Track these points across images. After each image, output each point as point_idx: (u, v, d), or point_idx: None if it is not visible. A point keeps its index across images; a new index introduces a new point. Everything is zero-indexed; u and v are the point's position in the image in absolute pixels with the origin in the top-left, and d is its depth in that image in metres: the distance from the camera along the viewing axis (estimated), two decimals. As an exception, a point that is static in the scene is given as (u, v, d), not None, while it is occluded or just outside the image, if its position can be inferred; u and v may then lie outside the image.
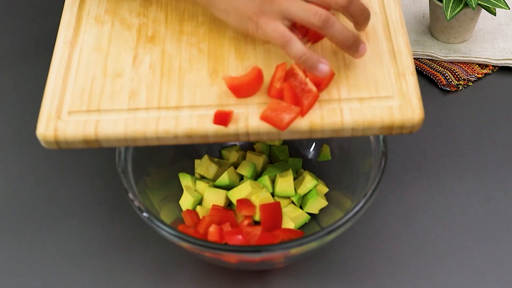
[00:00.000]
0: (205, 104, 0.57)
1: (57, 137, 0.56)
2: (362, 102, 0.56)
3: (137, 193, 0.61)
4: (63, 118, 0.57)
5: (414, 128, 0.56)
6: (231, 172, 0.70)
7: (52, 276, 0.66)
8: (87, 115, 0.57)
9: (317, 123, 0.55)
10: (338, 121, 0.55)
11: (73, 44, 0.62)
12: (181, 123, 0.56)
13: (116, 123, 0.56)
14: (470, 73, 0.84)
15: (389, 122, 0.55)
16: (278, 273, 0.66)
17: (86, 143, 0.57)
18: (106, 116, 0.57)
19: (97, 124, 0.56)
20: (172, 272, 0.66)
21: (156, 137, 0.56)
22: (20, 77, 0.86)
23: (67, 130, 0.56)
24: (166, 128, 0.56)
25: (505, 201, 0.71)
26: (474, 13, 0.83)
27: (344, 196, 0.67)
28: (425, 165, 0.75)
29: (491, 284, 0.65)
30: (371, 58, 0.59)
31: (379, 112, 0.55)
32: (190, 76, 0.59)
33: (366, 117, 0.55)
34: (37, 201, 0.73)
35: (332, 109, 0.56)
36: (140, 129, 0.56)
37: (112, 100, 0.58)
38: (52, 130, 0.56)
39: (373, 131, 0.56)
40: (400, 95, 0.56)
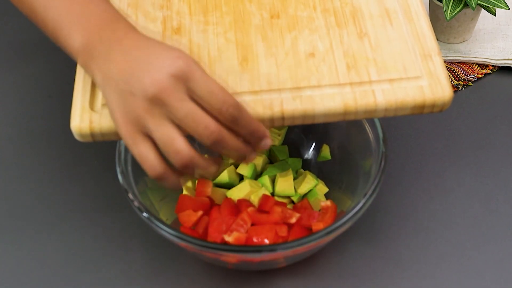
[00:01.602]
0: (238, 91, 0.57)
1: (93, 129, 0.56)
2: (392, 83, 0.57)
3: (137, 193, 0.61)
4: (97, 110, 0.57)
5: (444, 106, 0.57)
6: (231, 171, 0.70)
7: (52, 276, 0.66)
8: None
9: (351, 105, 0.56)
10: (371, 102, 0.56)
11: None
12: None
13: None
14: (470, 73, 0.84)
15: (421, 101, 0.56)
16: (278, 273, 0.66)
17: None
18: None
19: None
20: (172, 272, 0.66)
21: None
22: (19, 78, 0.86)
23: (102, 122, 0.56)
24: None
25: (505, 201, 0.71)
26: (474, 13, 0.83)
27: (344, 196, 0.67)
28: (425, 165, 0.75)
29: (491, 284, 0.65)
30: (396, 40, 0.60)
31: (410, 92, 0.56)
32: (220, 65, 0.59)
33: (398, 97, 0.56)
34: (37, 201, 0.73)
35: (364, 91, 0.57)
36: None
37: None
38: (87, 123, 0.56)
39: (405, 111, 0.57)
40: (429, 75, 0.57)
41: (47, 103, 0.83)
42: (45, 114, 0.81)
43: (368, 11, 0.62)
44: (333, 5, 0.63)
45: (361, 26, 0.61)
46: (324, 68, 0.58)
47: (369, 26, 0.61)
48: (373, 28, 0.60)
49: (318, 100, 0.56)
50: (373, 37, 0.60)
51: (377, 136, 0.63)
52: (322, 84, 0.57)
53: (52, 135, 0.79)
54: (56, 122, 0.80)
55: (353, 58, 0.58)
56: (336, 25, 0.61)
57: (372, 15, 0.61)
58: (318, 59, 0.59)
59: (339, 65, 0.58)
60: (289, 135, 0.74)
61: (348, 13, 0.62)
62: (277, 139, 0.73)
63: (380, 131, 0.63)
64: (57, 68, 0.87)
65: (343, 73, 0.57)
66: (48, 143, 0.78)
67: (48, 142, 0.78)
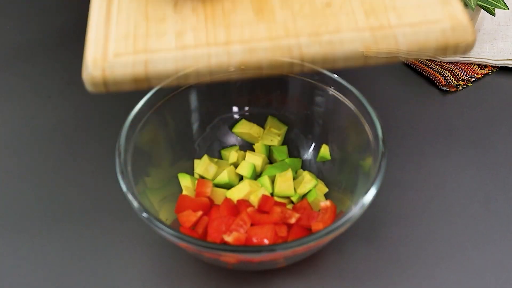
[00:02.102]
0: (255, 38, 0.57)
1: (106, 77, 0.56)
2: (413, 27, 0.57)
3: (136, 194, 0.61)
4: (110, 60, 0.57)
5: (468, 48, 0.57)
6: (231, 171, 0.70)
7: (52, 276, 0.66)
8: (135, 56, 0.57)
9: (372, 48, 0.56)
10: (392, 45, 0.56)
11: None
12: (234, 56, 0.56)
13: (166, 61, 0.56)
14: (469, 73, 0.84)
15: (443, 43, 0.56)
16: (278, 273, 0.66)
17: (136, 82, 0.56)
18: (154, 55, 0.56)
19: (146, 62, 0.56)
20: (172, 272, 0.66)
21: (209, 71, 0.56)
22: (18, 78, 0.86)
23: (115, 70, 0.56)
24: (218, 62, 0.56)
25: (505, 201, 0.71)
26: (473, 13, 0.83)
27: (344, 196, 0.67)
28: (425, 165, 0.75)
29: (491, 284, 0.65)
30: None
31: (432, 35, 0.56)
32: (235, 16, 0.59)
33: (420, 39, 0.56)
34: (37, 201, 0.72)
35: (384, 35, 0.56)
36: (191, 64, 0.56)
37: (159, 40, 0.57)
38: (100, 71, 0.56)
39: (428, 52, 0.57)
40: (449, 18, 0.57)
41: (47, 103, 0.83)
42: (45, 114, 0.81)
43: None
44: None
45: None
46: (341, 16, 0.57)
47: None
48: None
49: (338, 44, 0.55)
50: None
51: (376, 136, 0.63)
52: (341, 29, 0.56)
53: (52, 135, 0.79)
54: (56, 122, 0.80)
55: (371, 6, 0.58)
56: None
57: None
58: (335, 8, 0.58)
59: (357, 12, 0.57)
60: (289, 135, 0.74)
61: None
62: (276, 139, 0.74)
63: (379, 131, 0.63)
64: (57, 68, 0.87)
65: (361, 20, 0.57)
66: (48, 143, 0.78)
67: (48, 142, 0.78)
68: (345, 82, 0.68)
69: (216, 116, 0.74)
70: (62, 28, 0.93)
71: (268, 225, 0.63)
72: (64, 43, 0.90)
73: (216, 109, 0.74)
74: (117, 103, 0.82)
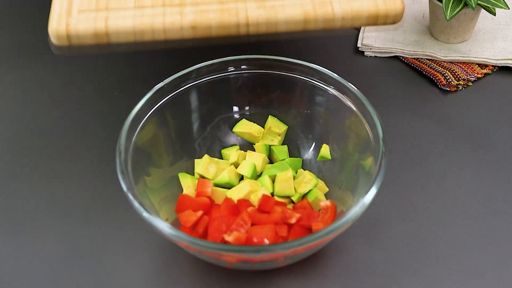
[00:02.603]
0: (206, 1, 0.63)
1: (69, 32, 0.60)
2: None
3: (136, 193, 0.61)
4: (74, 15, 0.61)
5: (397, 17, 0.64)
6: (231, 170, 0.70)
7: (51, 276, 0.66)
8: (97, 13, 0.62)
9: (310, 14, 0.62)
10: (329, 11, 0.62)
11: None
12: (186, 16, 0.61)
13: (124, 18, 0.61)
14: (469, 73, 0.84)
15: (374, 11, 0.63)
16: (278, 273, 0.66)
17: (96, 37, 0.61)
18: (114, 12, 0.62)
19: (106, 19, 0.61)
20: (172, 272, 0.66)
21: (163, 29, 0.61)
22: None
23: (78, 25, 0.61)
24: (172, 21, 0.61)
25: (505, 201, 0.71)
26: (474, 13, 0.83)
27: (344, 195, 0.67)
28: (425, 165, 0.75)
29: (491, 284, 0.65)
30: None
31: (365, 3, 0.63)
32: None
33: (354, 7, 0.63)
34: (37, 201, 0.73)
35: (322, 2, 0.63)
36: (148, 22, 0.61)
37: (119, 1, 0.63)
38: (64, 25, 0.60)
39: (361, 21, 0.63)
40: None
41: (47, 103, 0.83)
42: (45, 114, 0.81)
43: None
44: None
45: None
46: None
47: None
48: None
49: (280, 9, 0.62)
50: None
51: (377, 136, 0.63)
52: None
53: (52, 135, 0.79)
54: (56, 122, 0.80)
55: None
56: None
57: None
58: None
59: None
60: (289, 135, 0.74)
61: None
62: (277, 139, 0.74)
63: (380, 131, 0.63)
64: (57, 68, 0.87)
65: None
66: (48, 143, 0.78)
67: (48, 142, 0.78)
68: (345, 82, 0.68)
69: (217, 116, 0.74)
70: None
71: (268, 225, 0.63)
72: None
73: (217, 108, 0.74)
74: (118, 103, 0.82)
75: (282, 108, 0.74)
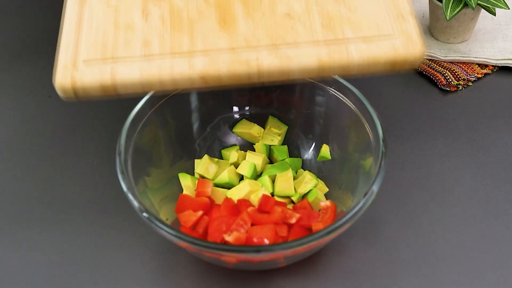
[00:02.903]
0: (216, 48, 0.59)
1: (75, 85, 0.57)
2: (365, 41, 0.58)
3: (136, 193, 0.61)
4: (79, 67, 0.58)
5: (416, 62, 0.58)
6: (232, 170, 0.70)
7: (52, 276, 0.66)
8: (103, 63, 0.58)
9: (325, 61, 0.57)
10: (344, 58, 0.58)
11: (82, 3, 0.63)
12: (195, 66, 0.58)
13: (131, 69, 0.58)
14: (470, 73, 0.84)
15: (393, 57, 0.58)
16: (278, 273, 0.66)
17: (103, 89, 0.58)
18: (121, 63, 0.58)
19: (113, 70, 0.58)
20: (172, 272, 0.66)
21: (171, 80, 0.58)
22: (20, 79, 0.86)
23: (84, 77, 0.57)
24: (180, 72, 0.57)
25: (505, 201, 0.71)
26: (474, 13, 0.83)
27: (344, 196, 0.67)
28: (425, 165, 0.75)
29: (491, 284, 0.65)
30: (370, 1, 0.61)
31: (382, 49, 0.58)
32: (200, 26, 0.60)
33: (371, 53, 0.58)
34: (37, 201, 0.73)
35: (338, 48, 0.58)
36: (155, 74, 0.58)
37: (126, 48, 0.59)
38: (69, 78, 0.57)
39: (378, 67, 0.58)
40: (401, 33, 0.59)
41: (47, 103, 0.83)
42: (45, 114, 0.81)
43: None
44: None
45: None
46: (299, 27, 0.59)
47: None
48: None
49: (294, 56, 0.58)
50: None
51: (377, 136, 0.63)
52: (297, 42, 0.58)
53: (52, 135, 0.79)
54: (56, 122, 0.80)
55: (328, 18, 0.60)
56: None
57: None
58: (294, 20, 0.60)
59: (314, 24, 0.60)
60: (289, 135, 0.74)
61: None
62: (277, 139, 0.74)
63: (380, 131, 0.63)
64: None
65: (318, 32, 0.59)
66: (48, 143, 0.78)
67: (48, 142, 0.78)
68: (345, 82, 0.68)
69: (217, 116, 0.74)
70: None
71: (268, 225, 0.63)
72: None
73: (217, 109, 0.74)
74: (118, 103, 0.82)
75: (282, 108, 0.74)
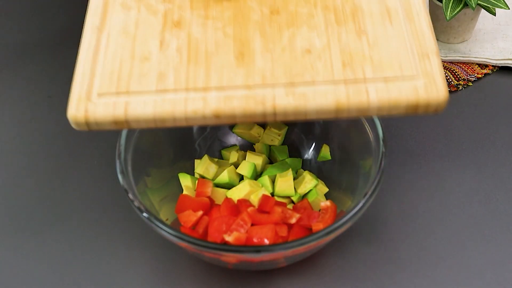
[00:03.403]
0: (232, 85, 0.58)
1: (88, 118, 0.57)
2: (387, 82, 0.57)
3: (137, 193, 0.61)
4: (93, 100, 0.58)
5: (439, 107, 0.56)
6: (231, 170, 0.70)
7: (52, 276, 0.66)
8: (117, 97, 0.58)
9: (343, 103, 0.56)
10: (364, 100, 0.55)
11: (101, 30, 0.62)
12: (209, 104, 0.57)
13: (145, 104, 0.57)
14: (470, 73, 0.84)
15: (414, 101, 0.55)
16: (278, 273, 0.66)
17: (116, 124, 0.57)
18: (135, 97, 0.58)
19: (126, 105, 0.57)
20: (172, 272, 0.66)
21: (185, 117, 0.57)
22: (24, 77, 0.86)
23: (97, 111, 0.57)
24: (194, 109, 0.56)
25: (505, 201, 0.71)
26: (474, 13, 0.83)
27: (344, 196, 0.67)
28: (425, 165, 0.75)
29: (491, 284, 0.65)
30: (395, 39, 0.59)
31: (404, 92, 0.56)
32: (217, 59, 0.60)
33: (392, 96, 0.56)
34: (37, 201, 0.73)
35: (357, 89, 0.56)
36: (169, 110, 0.57)
37: (141, 82, 0.59)
38: (83, 112, 0.57)
39: (399, 110, 0.56)
40: (425, 75, 0.57)
41: (47, 103, 0.83)
42: (45, 114, 0.81)
43: (368, 10, 0.62)
44: (334, 3, 0.63)
45: (360, 24, 0.61)
46: (319, 65, 0.58)
47: (369, 24, 0.60)
48: (372, 26, 0.60)
49: (311, 96, 0.56)
50: (372, 35, 0.60)
51: (377, 136, 0.63)
52: (316, 81, 0.57)
53: (52, 135, 0.79)
54: (56, 122, 0.80)
55: (350, 56, 0.58)
56: (335, 22, 0.61)
57: (372, 13, 0.61)
58: (314, 56, 0.59)
59: (334, 62, 0.58)
60: (289, 135, 0.74)
61: (348, 11, 0.62)
62: (277, 139, 0.74)
63: (380, 131, 0.63)
64: (56, 68, 0.87)
65: (338, 70, 0.57)
66: (48, 143, 0.78)
67: (48, 142, 0.78)
68: (345, 82, 0.68)
69: (217, 116, 0.74)
70: (62, 28, 0.93)
71: (268, 225, 0.63)
72: (64, 43, 0.90)
73: (217, 109, 0.74)
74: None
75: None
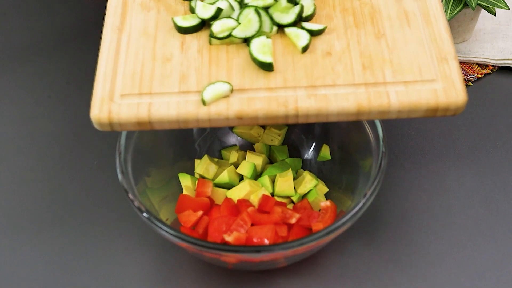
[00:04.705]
0: (253, 87, 0.58)
1: (111, 119, 0.57)
2: (407, 85, 0.57)
3: (137, 193, 0.61)
4: (116, 100, 0.57)
5: (458, 110, 0.57)
6: (231, 170, 0.70)
7: (52, 276, 0.66)
8: (139, 98, 0.58)
9: (364, 106, 0.56)
10: (384, 103, 0.56)
11: (121, 30, 0.62)
12: (232, 105, 0.57)
13: (168, 106, 0.57)
14: (470, 73, 0.84)
15: (434, 104, 0.56)
16: (278, 273, 0.66)
17: (139, 125, 0.57)
18: (158, 98, 0.57)
19: (150, 106, 0.57)
20: (172, 272, 0.66)
21: (208, 119, 0.57)
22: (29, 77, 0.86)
23: (120, 112, 0.57)
24: (218, 110, 0.56)
25: (505, 201, 0.71)
26: (474, 13, 0.83)
27: (344, 196, 0.67)
28: (425, 165, 0.75)
29: (491, 284, 0.65)
30: (413, 42, 0.60)
31: (424, 95, 0.57)
32: (238, 60, 0.60)
33: (412, 99, 0.56)
34: (37, 201, 0.73)
35: (378, 92, 0.57)
36: (192, 111, 0.57)
37: (163, 83, 0.58)
38: (106, 113, 0.57)
39: (418, 113, 0.57)
40: (444, 78, 0.58)
41: (47, 103, 0.83)
42: (45, 114, 0.81)
43: (386, 12, 0.62)
44: (352, 5, 0.63)
45: (379, 27, 0.61)
46: (339, 68, 0.58)
47: (387, 27, 0.61)
48: (390, 29, 0.60)
49: (332, 99, 0.56)
50: (390, 38, 0.60)
51: (377, 136, 0.63)
52: (337, 84, 0.57)
53: (52, 135, 0.79)
54: (56, 122, 0.80)
55: (369, 59, 0.59)
56: (354, 25, 0.61)
57: (391, 16, 0.61)
58: (335, 59, 0.59)
59: (355, 65, 0.58)
60: (289, 135, 0.74)
61: (366, 14, 0.62)
62: (277, 139, 0.74)
63: (380, 131, 0.63)
64: (57, 68, 0.87)
65: (358, 73, 0.58)
66: (48, 143, 0.78)
67: (48, 142, 0.78)
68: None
69: (217, 116, 0.74)
70: (62, 28, 0.93)
71: (268, 225, 0.63)
72: (64, 43, 0.90)
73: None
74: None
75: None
